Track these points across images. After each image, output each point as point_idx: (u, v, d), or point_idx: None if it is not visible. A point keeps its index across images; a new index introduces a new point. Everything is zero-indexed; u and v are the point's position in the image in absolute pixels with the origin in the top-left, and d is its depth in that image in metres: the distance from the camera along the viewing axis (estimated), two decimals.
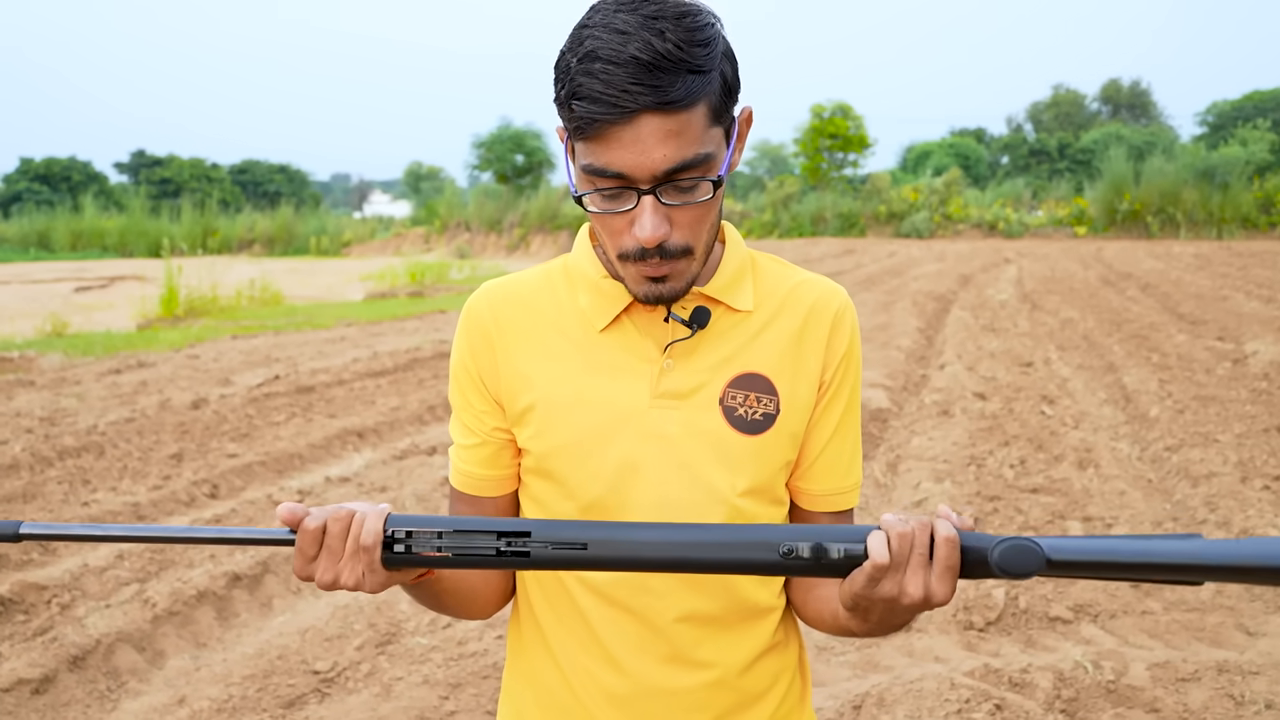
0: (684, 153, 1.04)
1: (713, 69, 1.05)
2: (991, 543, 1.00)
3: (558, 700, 1.23)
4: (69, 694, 3.54)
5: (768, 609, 1.23)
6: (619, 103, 1.01)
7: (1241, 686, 3.39)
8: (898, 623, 1.06)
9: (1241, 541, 0.99)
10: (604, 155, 1.04)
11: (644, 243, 1.07)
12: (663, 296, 1.13)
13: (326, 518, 1.03)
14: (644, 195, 1.06)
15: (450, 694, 3.46)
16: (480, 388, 1.23)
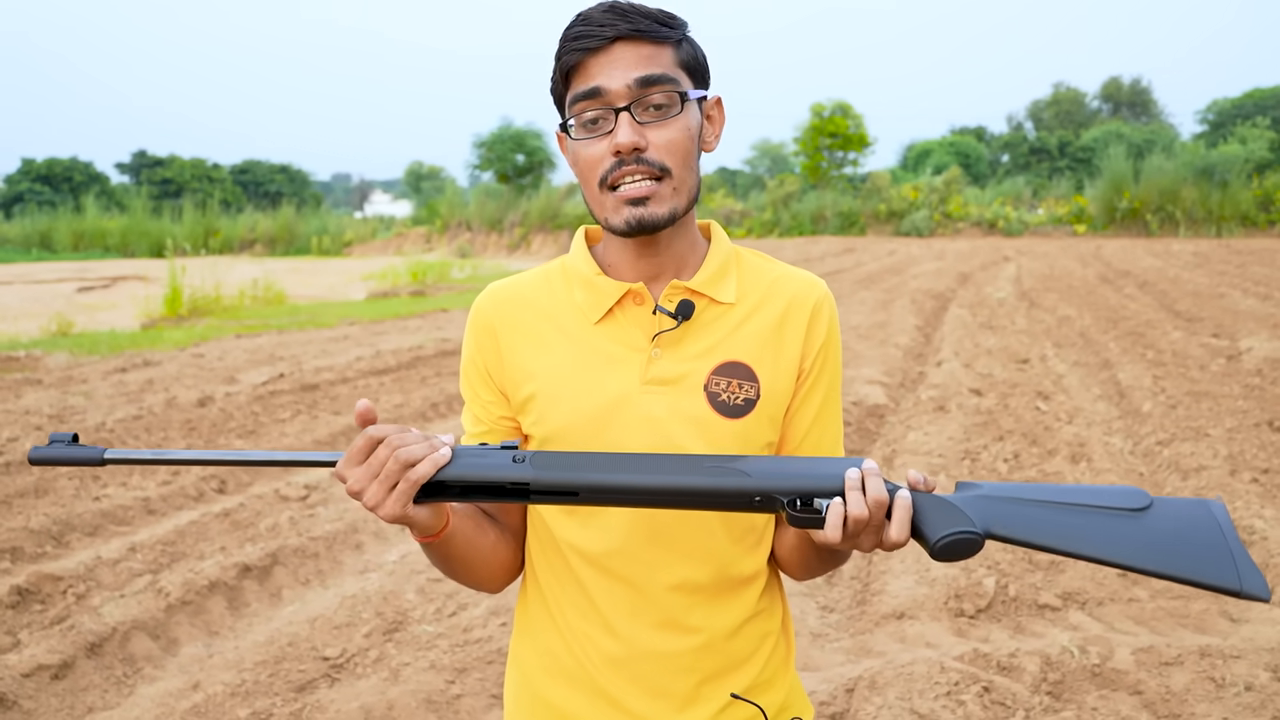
0: (651, 69, 1.22)
1: (679, 32, 1.26)
2: (936, 534, 1.13)
3: (560, 663, 1.33)
4: (87, 679, 3.65)
5: (753, 578, 1.34)
6: (596, 34, 1.22)
7: (1223, 670, 3.50)
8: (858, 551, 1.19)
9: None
10: (585, 81, 1.23)
11: (620, 146, 1.21)
12: (643, 220, 1.23)
13: (383, 438, 1.13)
14: (620, 112, 1.22)
15: (456, 678, 3.57)
16: (487, 380, 1.35)
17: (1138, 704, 3.33)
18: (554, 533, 1.32)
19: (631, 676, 1.30)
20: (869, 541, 1.15)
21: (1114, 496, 1.13)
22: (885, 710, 3.26)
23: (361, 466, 1.13)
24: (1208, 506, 1.12)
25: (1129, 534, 1.09)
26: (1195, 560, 1.07)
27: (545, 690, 1.34)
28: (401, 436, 1.13)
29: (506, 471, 1.16)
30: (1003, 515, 1.14)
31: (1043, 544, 1.13)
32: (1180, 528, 1.10)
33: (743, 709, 1.33)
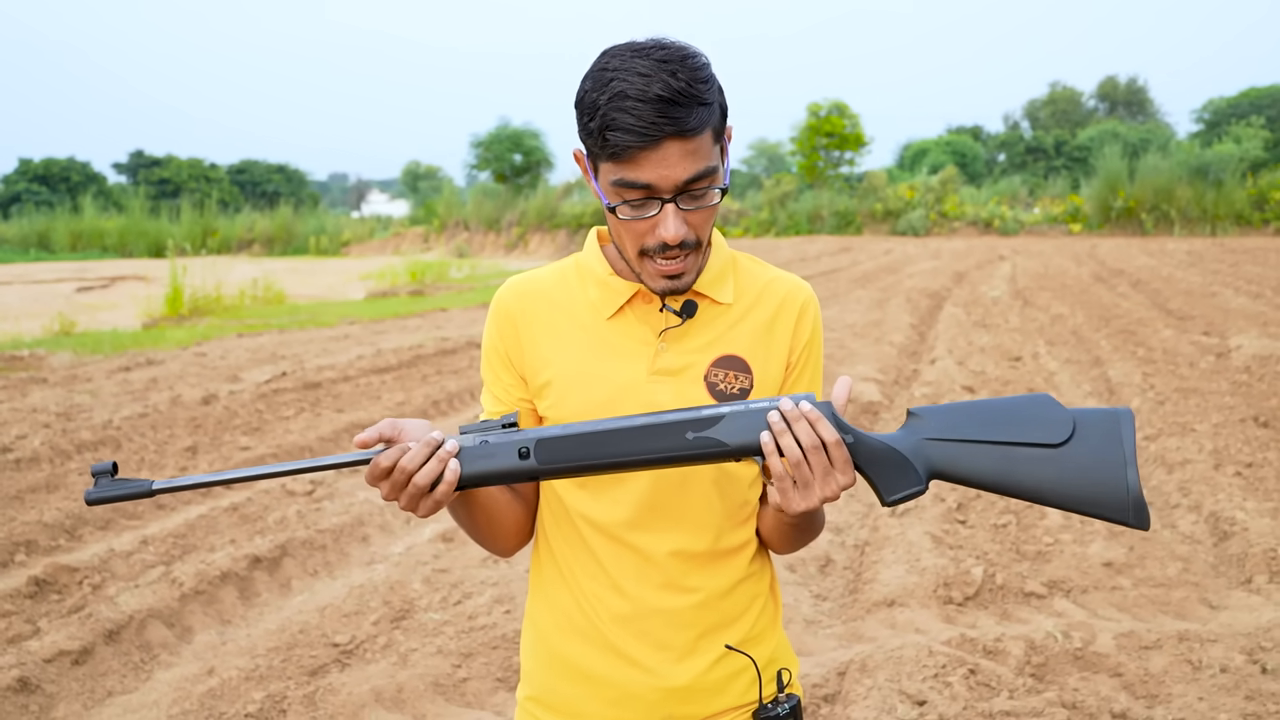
0: (698, 167, 1.31)
1: (714, 100, 1.33)
2: (890, 493, 1.32)
3: (573, 620, 1.48)
4: (106, 665, 3.79)
5: (744, 546, 1.49)
6: (648, 133, 1.27)
7: (1200, 653, 3.64)
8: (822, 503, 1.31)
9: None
10: (635, 173, 1.30)
11: (668, 240, 1.33)
12: (677, 288, 1.39)
13: (391, 466, 1.28)
14: (667, 203, 1.32)
15: (462, 663, 3.71)
16: (508, 365, 1.50)
17: (1117, 685, 3.47)
18: (567, 505, 1.47)
19: (637, 632, 1.45)
20: (819, 492, 1.27)
21: (1041, 430, 1.28)
22: (875, 691, 3.40)
23: (385, 482, 1.29)
24: (1118, 425, 1.28)
25: (1047, 473, 1.28)
26: (1098, 498, 1.27)
27: (559, 645, 1.49)
28: (410, 458, 1.27)
29: (516, 465, 1.31)
30: (943, 460, 1.31)
31: (976, 484, 1.31)
32: (1090, 463, 1.27)
33: (735, 659, 1.48)
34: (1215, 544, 4.81)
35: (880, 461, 1.31)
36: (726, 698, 1.48)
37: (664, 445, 1.29)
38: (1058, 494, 1.28)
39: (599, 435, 1.30)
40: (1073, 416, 1.29)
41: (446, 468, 1.28)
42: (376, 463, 1.28)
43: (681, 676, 1.45)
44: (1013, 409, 1.30)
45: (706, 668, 1.46)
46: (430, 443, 1.28)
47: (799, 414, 1.27)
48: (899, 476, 1.30)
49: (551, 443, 1.31)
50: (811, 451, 1.26)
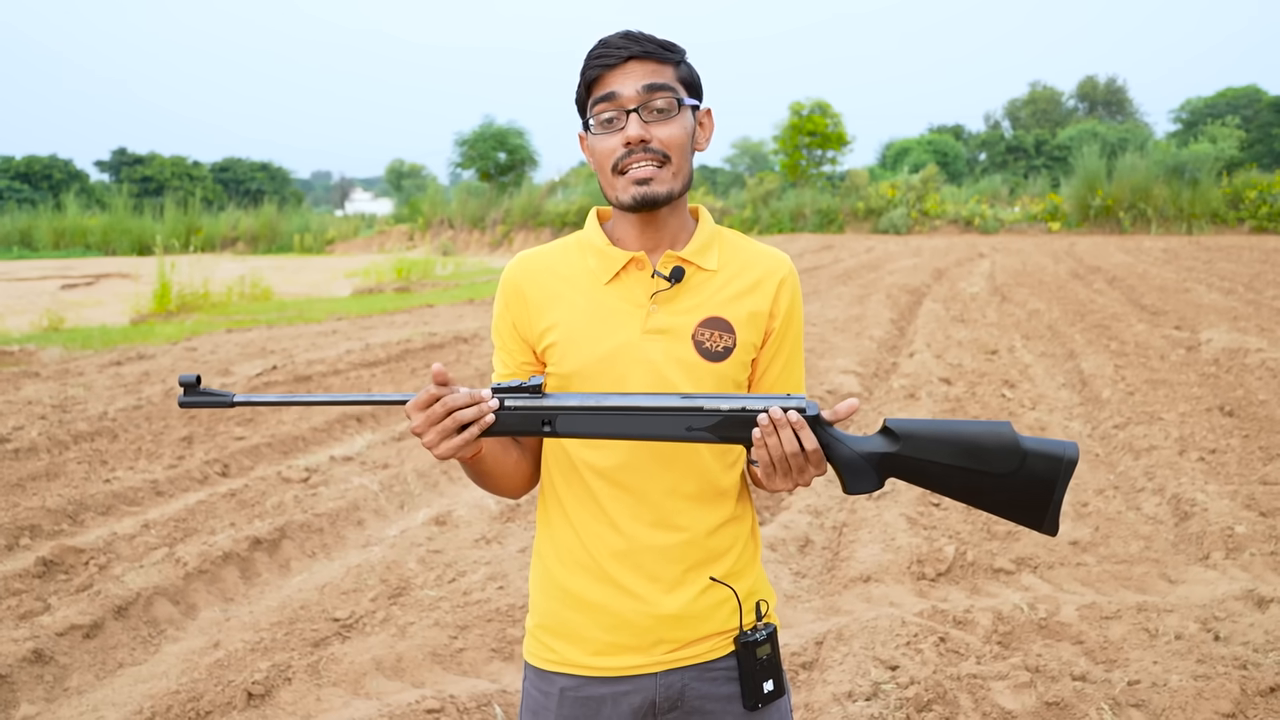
0: (655, 79, 1.57)
1: (679, 58, 1.63)
2: (852, 488, 1.55)
3: (575, 555, 1.67)
4: (115, 638, 3.95)
5: (729, 489, 1.69)
6: (613, 55, 1.57)
7: (1156, 622, 3.85)
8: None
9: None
10: (604, 87, 1.60)
11: (630, 138, 1.57)
12: (647, 196, 1.59)
13: (441, 396, 1.47)
14: (630, 113, 1.56)
15: (459, 634, 3.89)
16: (514, 332, 1.69)
17: (1079, 651, 3.68)
18: (570, 453, 1.65)
19: (632, 565, 1.64)
20: (794, 480, 1.52)
21: (994, 460, 1.51)
22: (850, 658, 3.60)
23: (423, 414, 1.47)
24: (1058, 465, 1.50)
25: (988, 493, 1.52)
26: (1021, 514, 1.53)
27: (562, 578, 1.68)
28: (455, 398, 1.47)
29: (536, 428, 1.53)
30: (903, 472, 1.55)
31: (926, 488, 1.56)
32: (1025, 493, 1.51)
33: (719, 590, 1.68)
34: (1176, 524, 5.03)
35: (848, 464, 1.54)
36: (710, 624, 1.67)
37: (664, 431, 1.52)
38: (990, 506, 1.54)
39: (610, 414, 1.51)
40: (1024, 451, 1.50)
41: (483, 417, 1.48)
42: (427, 391, 1.47)
43: (671, 605, 1.64)
44: (975, 436, 1.52)
45: (693, 597, 1.65)
46: (473, 393, 1.48)
47: (785, 421, 1.48)
48: (862, 479, 1.55)
49: (570, 415, 1.52)
50: (791, 456, 1.48)
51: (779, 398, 1.51)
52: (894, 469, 1.54)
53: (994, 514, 1.54)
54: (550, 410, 1.52)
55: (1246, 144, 44.15)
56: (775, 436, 1.47)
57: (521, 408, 1.52)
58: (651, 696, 1.65)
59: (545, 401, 1.53)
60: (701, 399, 1.51)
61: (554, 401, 1.53)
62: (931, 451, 1.52)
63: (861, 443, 1.54)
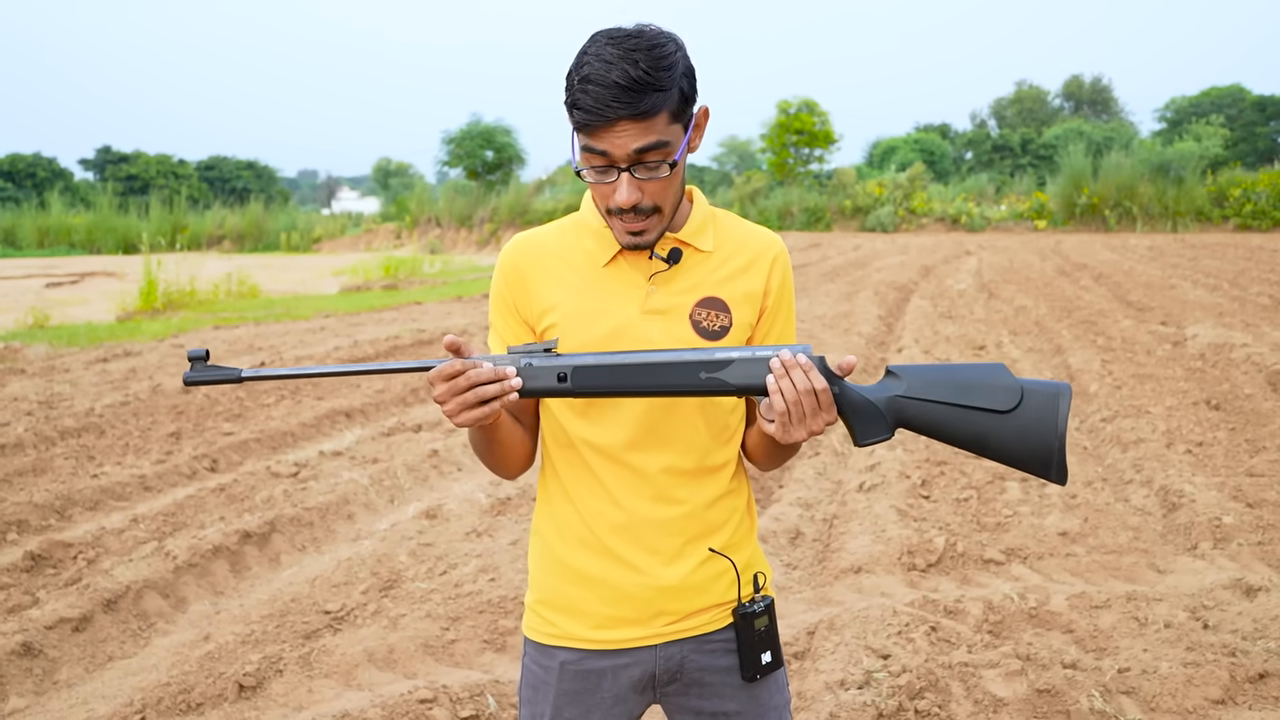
0: (647, 139, 1.50)
1: (672, 86, 1.53)
2: (863, 438, 1.56)
3: (575, 530, 1.69)
4: (105, 632, 3.93)
5: (725, 465, 1.70)
6: (604, 114, 1.48)
7: (1146, 611, 3.87)
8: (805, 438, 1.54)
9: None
10: (594, 144, 1.53)
11: (622, 204, 1.55)
12: (639, 245, 1.61)
13: (464, 370, 1.47)
14: (621, 172, 1.52)
15: (450, 625, 3.88)
16: (514, 312, 1.69)
17: (1069, 640, 3.70)
18: (569, 431, 1.66)
19: (632, 539, 1.65)
20: (808, 427, 1.51)
21: (995, 397, 1.52)
22: (842, 647, 3.60)
23: (446, 384, 1.48)
24: (1056, 400, 1.52)
25: (993, 434, 1.53)
26: (1029, 457, 1.53)
27: (563, 553, 1.69)
28: (480, 373, 1.47)
29: (554, 385, 1.54)
30: (909, 416, 1.55)
31: (933, 436, 1.56)
32: (1030, 428, 1.51)
33: (718, 562, 1.69)
34: (1165, 515, 5.06)
35: (858, 410, 1.55)
36: (709, 596, 1.68)
37: (681, 381, 1.53)
38: (998, 450, 1.53)
39: (626, 368, 1.52)
40: (1021, 387, 1.52)
41: (507, 393, 1.48)
42: (452, 364, 1.47)
43: (670, 577, 1.65)
44: (973, 375, 1.54)
45: (692, 569, 1.66)
46: (498, 370, 1.48)
47: (795, 363, 1.49)
48: (872, 424, 1.55)
49: (586, 370, 1.53)
50: (804, 394, 1.48)
51: (784, 346, 1.54)
52: (901, 413, 1.55)
53: (1002, 461, 1.54)
54: (567, 366, 1.54)
55: (1231, 143, 44.39)
56: (788, 379, 1.48)
57: (538, 366, 1.54)
58: (651, 669, 1.67)
59: (562, 360, 1.54)
60: (714, 350, 1.54)
61: (570, 360, 1.55)
62: (934, 390, 1.54)
63: (868, 389, 1.57)
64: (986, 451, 1.54)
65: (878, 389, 1.56)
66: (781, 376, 1.49)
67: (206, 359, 1.54)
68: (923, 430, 1.56)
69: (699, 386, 1.53)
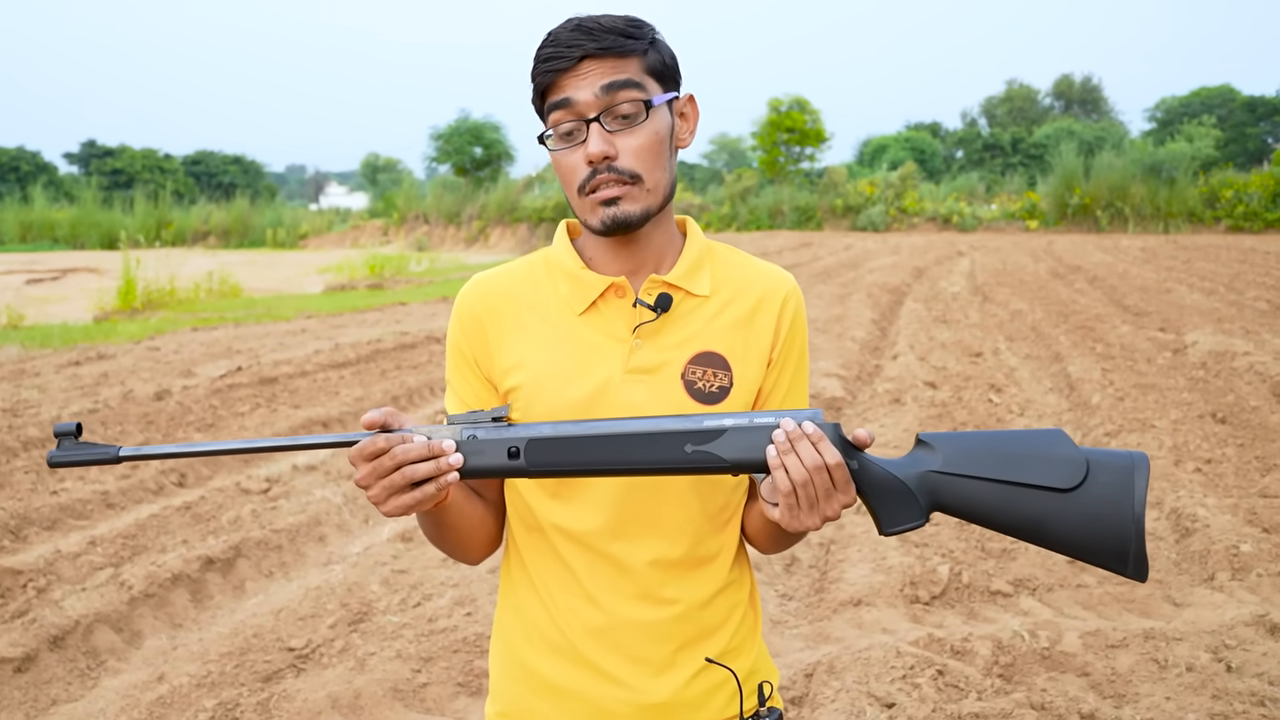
0: (615, 75, 1.29)
1: (645, 40, 1.32)
2: (890, 524, 1.27)
3: (543, 633, 1.40)
4: (50, 672, 3.65)
5: (722, 551, 1.42)
6: (565, 54, 1.29)
7: (1166, 651, 3.63)
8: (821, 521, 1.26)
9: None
10: (557, 93, 1.31)
11: (592, 156, 1.29)
12: (617, 219, 1.31)
13: (388, 449, 1.21)
14: (590, 123, 1.29)
15: (422, 667, 3.61)
16: (474, 368, 1.41)
17: (1085, 685, 3.45)
18: (536, 513, 1.39)
19: (612, 645, 1.37)
20: (820, 512, 1.23)
21: (1052, 471, 1.23)
22: (844, 694, 3.35)
23: (368, 465, 1.21)
24: (1131, 475, 1.22)
25: (1052, 518, 1.23)
26: (1100, 547, 1.23)
27: (529, 659, 1.41)
28: (406, 450, 1.20)
29: (503, 464, 1.26)
30: (948, 495, 1.26)
31: (978, 522, 1.27)
32: (1098, 510, 1.22)
33: (715, 672, 1.41)
34: (1177, 540, 4.82)
35: (883, 490, 1.27)
36: (706, 713, 1.41)
37: (661, 456, 1.25)
38: (1060, 539, 1.24)
39: (593, 440, 1.25)
40: (1086, 459, 1.24)
41: (441, 475, 1.21)
42: (372, 441, 1.21)
43: (659, 692, 1.38)
44: (1025, 445, 1.26)
45: (685, 682, 1.39)
46: (432, 444, 1.22)
47: (801, 434, 1.22)
48: (900, 508, 1.26)
49: (543, 444, 1.25)
50: (815, 472, 1.21)
51: (789, 411, 1.26)
52: (936, 493, 1.25)
53: (1064, 551, 1.25)
54: (519, 439, 1.25)
55: (1222, 143, 44.32)
56: (794, 453, 1.21)
57: (484, 439, 1.26)
58: None
59: (514, 432, 1.25)
60: (702, 417, 1.26)
61: (524, 431, 1.26)
62: (976, 464, 1.25)
63: (895, 464, 1.28)
64: (1044, 540, 1.25)
65: (907, 463, 1.27)
66: (786, 451, 1.21)
67: (78, 435, 1.26)
68: (963, 514, 1.26)
69: (684, 463, 1.24)
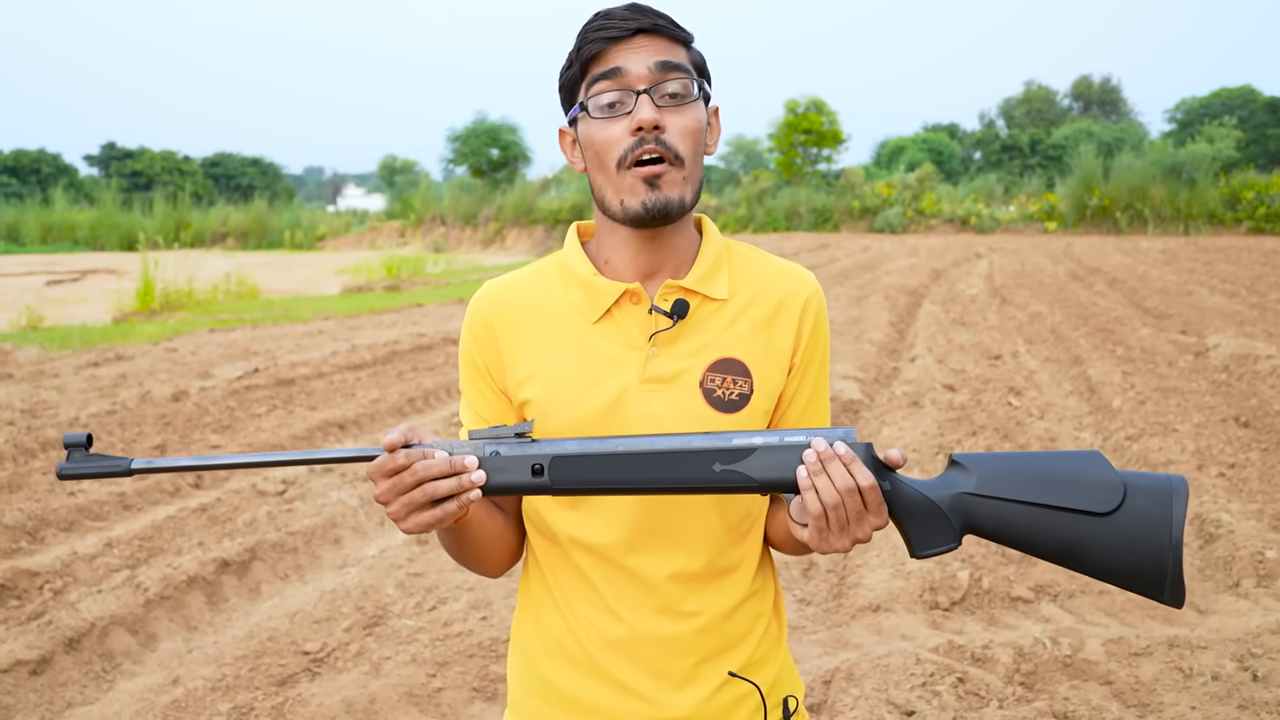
0: (669, 56, 1.29)
1: (690, 39, 1.33)
2: (922, 548, 1.24)
3: (563, 646, 1.38)
4: (65, 675, 3.65)
5: (745, 560, 1.39)
6: (620, 28, 1.28)
7: (1190, 660, 3.58)
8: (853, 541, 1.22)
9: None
10: (606, 63, 1.28)
11: (643, 122, 1.26)
12: (659, 203, 1.28)
13: (409, 465, 1.18)
14: (641, 94, 1.27)
15: (437, 672, 3.59)
16: (488, 378, 1.38)
17: (1108, 694, 3.40)
18: (552, 525, 1.36)
19: (632, 658, 1.34)
20: (851, 534, 1.20)
21: (1089, 495, 1.21)
22: (862, 701, 3.31)
23: (388, 481, 1.18)
24: (1170, 498, 1.20)
25: (1089, 542, 1.21)
26: (1137, 573, 1.21)
27: (549, 673, 1.38)
28: (427, 466, 1.17)
29: (527, 481, 1.23)
30: (980, 519, 1.24)
31: (1012, 545, 1.25)
32: (1135, 534, 1.20)
33: (739, 686, 1.37)
34: (1201, 546, 4.76)
35: (915, 513, 1.24)
36: None
37: (688, 475, 1.22)
38: (1095, 564, 1.22)
39: (620, 458, 1.22)
40: (1124, 482, 1.21)
41: (464, 493, 1.19)
42: (392, 458, 1.18)
43: (680, 706, 1.35)
44: (1061, 467, 1.23)
45: (707, 696, 1.36)
46: (454, 460, 1.19)
47: (833, 454, 1.19)
48: (933, 530, 1.24)
49: (568, 461, 1.22)
50: (847, 494, 1.18)
51: (820, 430, 1.23)
52: (969, 515, 1.23)
53: (1099, 576, 1.23)
54: (544, 456, 1.22)
55: (1243, 144, 43.97)
56: (825, 475, 1.17)
57: (507, 455, 1.23)
58: None
59: (538, 448, 1.23)
60: (731, 435, 1.22)
61: (548, 448, 1.23)
62: (1011, 486, 1.22)
63: (927, 485, 1.25)
64: (1079, 564, 1.22)
65: (939, 484, 1.25)
66: (817, 472, 1.18)
67: (88, 446, 1.23)
68: (997, 537, 1.24)
69: (712, 482, 1.22)
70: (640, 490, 1.23)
